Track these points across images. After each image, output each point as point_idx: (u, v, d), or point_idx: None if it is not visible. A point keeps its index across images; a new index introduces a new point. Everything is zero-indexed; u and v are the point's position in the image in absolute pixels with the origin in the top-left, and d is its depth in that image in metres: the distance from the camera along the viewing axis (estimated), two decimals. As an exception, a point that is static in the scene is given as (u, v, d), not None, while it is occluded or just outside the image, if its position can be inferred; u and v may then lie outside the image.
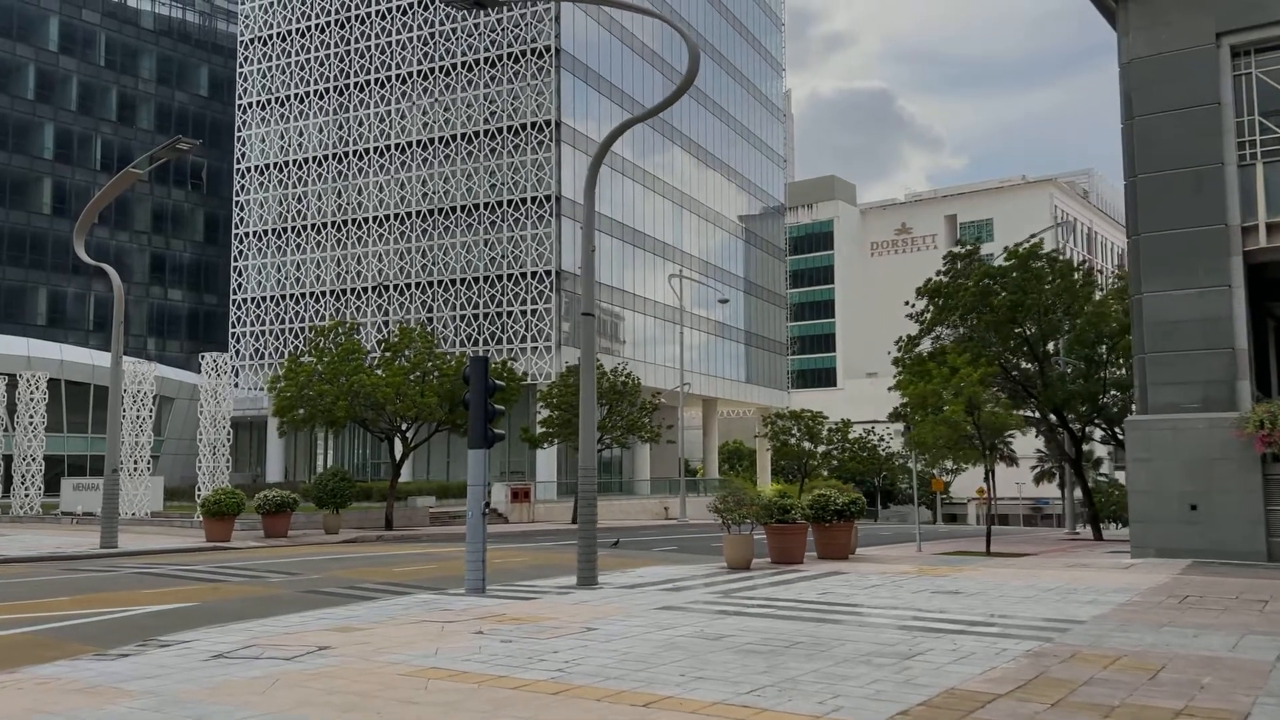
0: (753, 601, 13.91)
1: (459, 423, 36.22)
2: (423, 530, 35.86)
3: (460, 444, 56.21)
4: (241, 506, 28.71)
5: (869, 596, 14.49)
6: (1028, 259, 30.41)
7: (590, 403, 16.61)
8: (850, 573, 18.27)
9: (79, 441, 55.37)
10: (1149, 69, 20.21)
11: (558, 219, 53.40)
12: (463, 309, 55.34)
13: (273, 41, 63.40)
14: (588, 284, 16.71)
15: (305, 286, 60.70)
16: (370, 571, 19.82)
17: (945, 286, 31.39)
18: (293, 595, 15.93)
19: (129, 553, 24.64)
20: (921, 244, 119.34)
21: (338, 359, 34.05)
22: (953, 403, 23.39)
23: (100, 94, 75.02)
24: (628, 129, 16.35)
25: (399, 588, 16.96)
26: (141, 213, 76.93)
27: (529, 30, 54.98)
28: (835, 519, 20.59)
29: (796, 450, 57.63)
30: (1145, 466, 19.80)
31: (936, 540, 26.90)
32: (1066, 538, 33.61)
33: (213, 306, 79.51)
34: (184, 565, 21.14)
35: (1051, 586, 15.76)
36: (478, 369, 15.50)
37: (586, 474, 16.42)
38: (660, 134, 64.09)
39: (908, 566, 19.68)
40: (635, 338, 60.22)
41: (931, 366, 25.77)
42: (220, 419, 34.71)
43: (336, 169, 60.30)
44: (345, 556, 23.64)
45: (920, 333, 32.68)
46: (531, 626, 11.43)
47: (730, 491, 19.04)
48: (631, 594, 14.81)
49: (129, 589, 16.65)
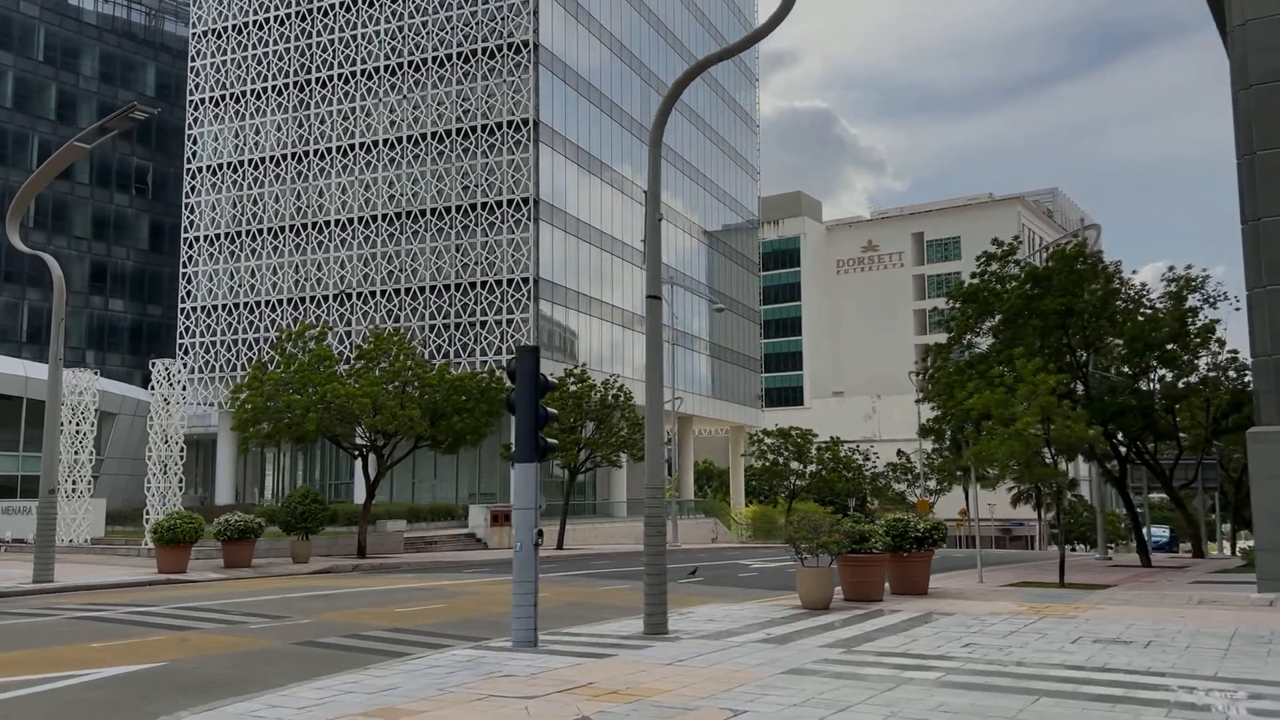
0: (896, 659, 10.87)
1: (441, 438, 32.87)
2: (399, 558, 32.30)
3: (429, 463, 52.52)
4: (199, 533, 25.03)
5: (1033, 650, 11.53)
6: (1074, 260, 27.94)
7: (657, 408, 13.51)
8: (954, 613, 15.32)
9: (8, 460, 50.66)
10: (1269, 30, 17.73)
11: (536, 223, 50.19)
12: (432, 318, 51.78)
13: (228, 34, 59.48)
14: (653, 257, 13.63)
15: (260, 294, 56.65)
16: (368, 614, 16.44)
17: (982, 290, 28.80)
18: (287, 649, 12.55)
19: (68, 588, 20.90)
20: (889, 261, 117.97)
21: (307, 366, 30.49)
22: (1025, 414, 20.61)
23: (38, 90, 70.36)
24: (707, 68, 13.37)
25: (417, 637, 13.66)
26: (81, 218, 72.18)
27: (505, 24, 51.89)
28: (914, 548, 17.67)
29: (784, 470, 54.90)
30: (1275, 484, 17.17)
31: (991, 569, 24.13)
32: (1112, 564, 31.06)
33: (157, 317, 74.82)
34: (138, 605, 17.55)
35: (1225, 633, 12.93)
36: (527, 362, 12.35)
37: (654, 494, 13.30)
38: (637, 138, 61.28)
39: (1010, 604, 16.78)
40: (605, 349, 57.10)
41: (994, 373, 23.00)
42: (172, 434, 30.91)
43: (296, 169, 56.47)
44: (327, 593, 20.16)
45: (951, 340, 30.08)
46: (650, 709, 8.26)
47: (803, 517, 16.03)
48: (725, 648, 11.70)
49: (71, 641, 13.14)
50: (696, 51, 70.89)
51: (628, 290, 59.20)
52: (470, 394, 32.99)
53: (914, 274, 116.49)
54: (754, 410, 76.05)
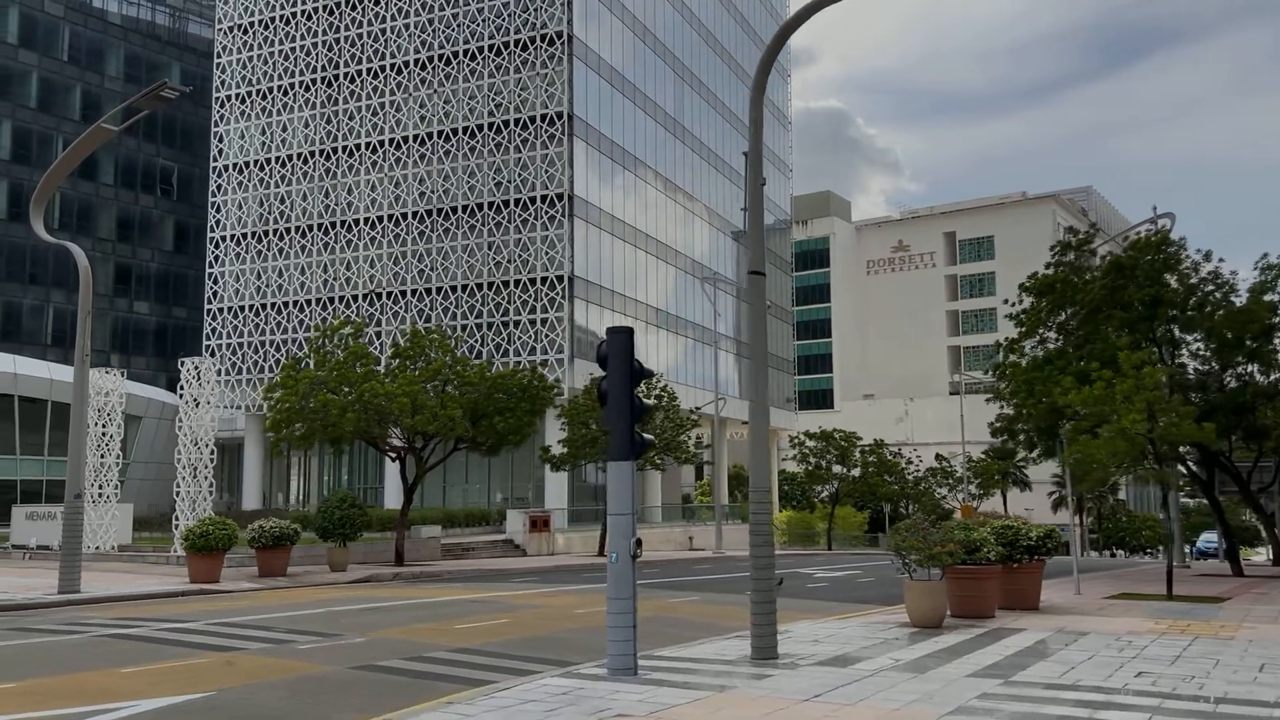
0: (1071, 693, 9.19)
1: (481, 440, 31.35)
2: (438, 565, 30.76)
3: (460, 467, 50.98)
4: (233, 540, 23.56)
5: (1224, 683, 9.82)
6: (1159, 248, 26.13)
7: (762, 395, 11.88)
8: (1086, 631, 13.61)
9: (34, 465, 49.60)
10: None
11: (570, 219, 48.67)
12: (464, 318, 50.31)
13: (254, 29, 58.31)
14: (756, 226, 12.01)
15: (288, 295, 55.37)
16: (425, 630, 14.87)
17: (1059, 281, 27.02)
18: (345, 675, 11.00)
19: (96, 599, 19.46)
20: (920, 262, 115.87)
21: (343, 364, 29.03)
22: (1129, 411, 18.84)
23: (63, 91, 69.48)
24: (817, 11, 11.75)
25: (487, 659, 12.08)
26: (106, 219, 71.22)
27: (538, 15, 50.44)
28: (1026, 558, 15.95)
29: (825, 474, 53.17)
30: None
31: (1068, 578, 22.32)
32: (1195, 572, 29.16)
33: (182, 320, 73.78)
34: (173, 619, 16.06)
35: None
36: (618, 345, 10.76)
37: (760, 498, 11.66)
38: (671, 133, 59.72)
39: (1139, 620, 15.05)
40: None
41: (1090, 367, 21.20)
42: (202, 436, 29.45)
43: (324, 166, 55.19)
44: (374, 605, 18.62)
45: (1023, 335, 28.30)
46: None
47: (912, 524, 14.35)
48: (857, 678, 10.05)
49: (103, 665, 11.62)
50: (728, 44, 69.31)
51: (661, 288, 57.62)
52: (511, 393, 31.46)
53: (946, 274, 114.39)
54: (787, 413, 74.25)
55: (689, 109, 62.55)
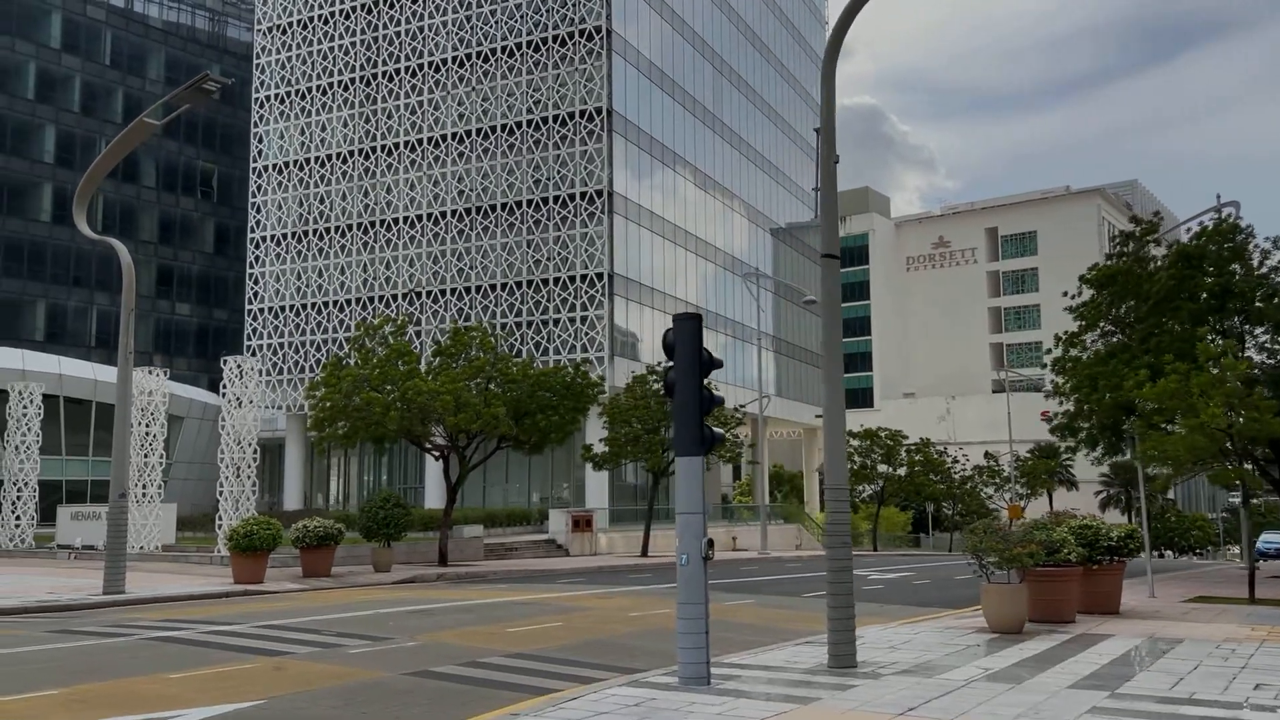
0: (1188, 708, 8.43)
1: (525, 438, 30.84)
2: (482, 566, 30.30)
3: (500, 466, 50.54)
4: (278, 540, 23.21)
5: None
6: (1228, 236, 25.05)
7: (837, 386, 11.21)
8: (1181, 638, 12.80)
9: (78, 465, 49.82)
10: None
11: (610, 216, 48.11)
12: (504, 316, 49.90)
13: (293, 29, 58.34)
14: (829, 208, 11.34)
15: (328, 295, 55.31)
16: (478, 634, 14.34)
17: (1121, 272, 26.02)
18: (400, 682, 10.46)
19: (141, 600, 19.15)
20: (961, 258, 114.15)
21: (386, 361, 28.65)
22: (1209, 405, 17.91)
23: (105, 95, 70.04)
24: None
25: (545, 665, 11.51)
26: (148, 221, 71.73)
27: (577, 10, 49.93)
28: (1107, 559, 15.13)
29: (871, 473, 52.22)
30: None
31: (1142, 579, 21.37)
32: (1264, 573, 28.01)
33: (223, 321, 74.17)
34: (218, 622, 15.66)
35: None
36: (686, 333, 10.14)
37: (837, 496, 10.99)
38: (710, 128, 59.00)
39: (1232, 626, 14.19)
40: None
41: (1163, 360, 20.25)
42: (245, 435, 29.18)
43: (363, 166, 55.06)
44: (422, 607, 18.13)
45: (1083, 328, 27.31)
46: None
47: (989, 524, 13.61)
48: (948, 689, 9.35)
49: (149, 671, 11.18)
50: (766, 39, 68.47)
51: (700, 285, 56.93)
52: (555, 390, 30.94)
53: (987, 270, 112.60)
54: (830, 411, 73.08)
55: (727, 104, 61.79)
